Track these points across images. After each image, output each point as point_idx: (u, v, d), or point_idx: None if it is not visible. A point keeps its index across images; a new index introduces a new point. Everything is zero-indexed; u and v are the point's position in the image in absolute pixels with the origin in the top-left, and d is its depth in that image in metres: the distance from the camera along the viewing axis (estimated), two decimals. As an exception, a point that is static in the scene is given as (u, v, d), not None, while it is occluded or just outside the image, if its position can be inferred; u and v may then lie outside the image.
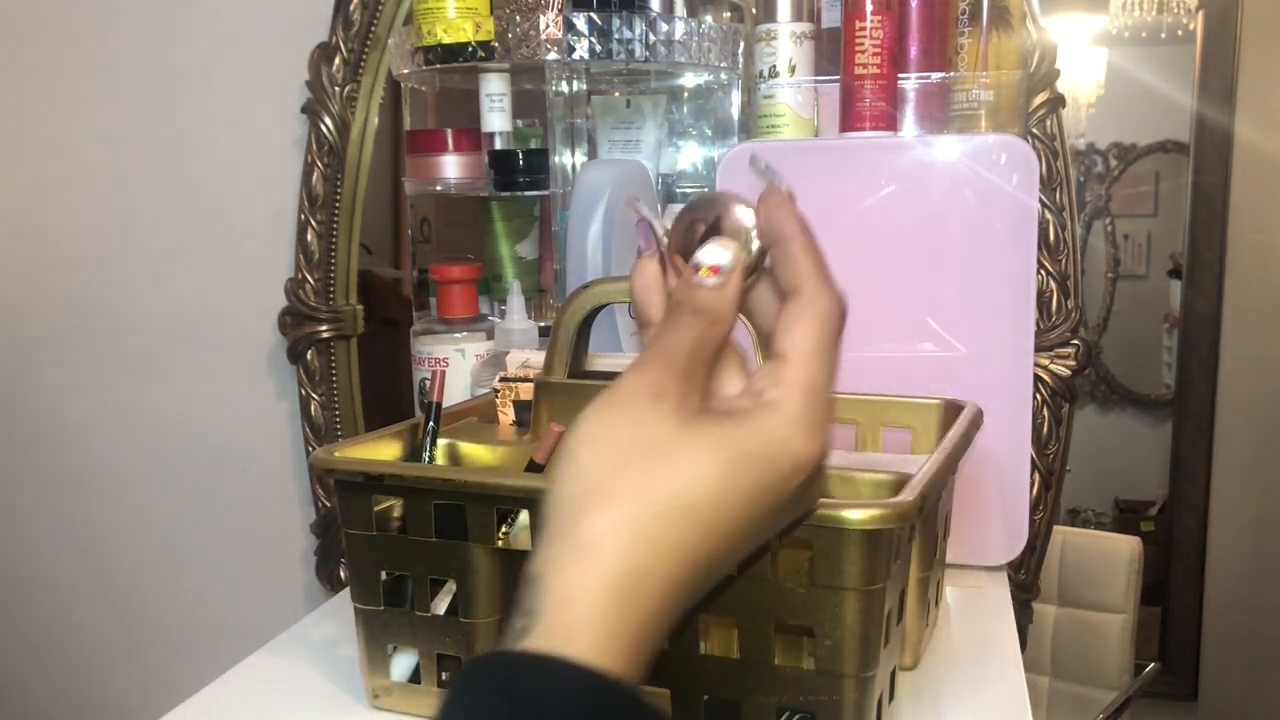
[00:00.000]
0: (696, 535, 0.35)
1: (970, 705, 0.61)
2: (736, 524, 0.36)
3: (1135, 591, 1.59)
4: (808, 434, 0.37)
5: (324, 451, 0.58)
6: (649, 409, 0.36)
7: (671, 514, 0.35)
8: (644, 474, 0.35)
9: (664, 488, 0.35)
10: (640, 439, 0.35)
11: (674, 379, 0.37)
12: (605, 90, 0.97)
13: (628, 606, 0.33)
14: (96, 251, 1.23)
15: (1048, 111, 0.92)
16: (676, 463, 0.35)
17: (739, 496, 0.36)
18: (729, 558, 0.37)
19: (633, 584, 0.34)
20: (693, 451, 0.35)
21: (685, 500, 0.35)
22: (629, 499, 0.34)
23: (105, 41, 1.18)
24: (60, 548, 1.31)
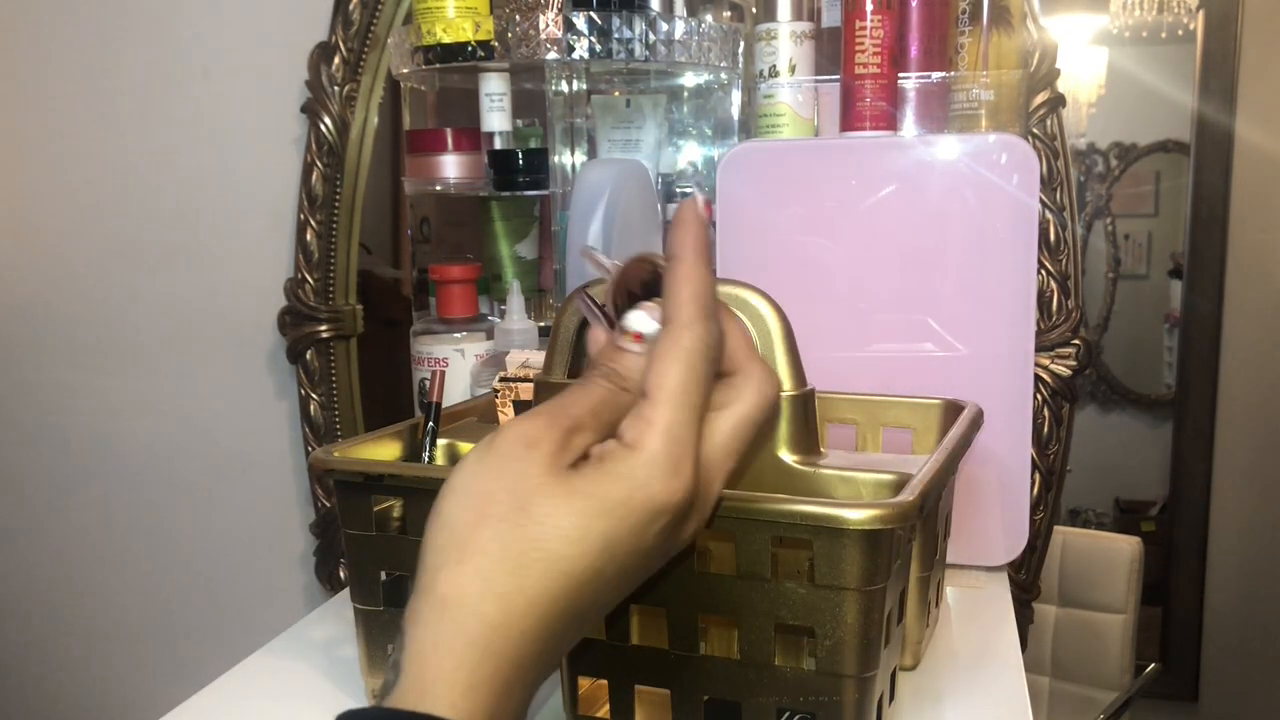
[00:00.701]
0: (555, 586, 0.35)
1: (970, 705, 0.61)
2: (597, 572, 0.36)
3: (1136, 592, 1.59)
4: (666, 475, 0.37)
5: (323, 451, 0.58)
6: (519, 458, 0.36)
7: (527, 567, 0.35)
8: (502, 525, 0.35)
9: (520, 541, 0.35)
10: (505, 489, 0.35)
11: (554, 431, 0.37)
12: (605, 90, 0.97)
13: (485, 660, 0.34)
14: (96, 251, 1.23)
15: (1048, 111, 0.91)
16: (534, 514, 0.35)
17: (597, 545, 0.35)
18: (595, 606, 0.37)
19: (488, 638, 0.34)
20: (551, 503, 0.35)
21: (541, 552, 0.35)
22: (484, 553, 0.35)
23: (105, 41, 1.18)
24: (59, 547, 1.31)
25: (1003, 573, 0.82)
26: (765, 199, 0.81)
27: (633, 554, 0.37)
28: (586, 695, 0.56)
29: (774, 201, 0.81)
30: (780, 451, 0.56)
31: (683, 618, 0.49)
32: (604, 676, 0.53)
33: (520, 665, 0.35)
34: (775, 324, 0.55)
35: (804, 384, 0.56)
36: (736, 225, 0.82)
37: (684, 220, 0.40)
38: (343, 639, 0.70)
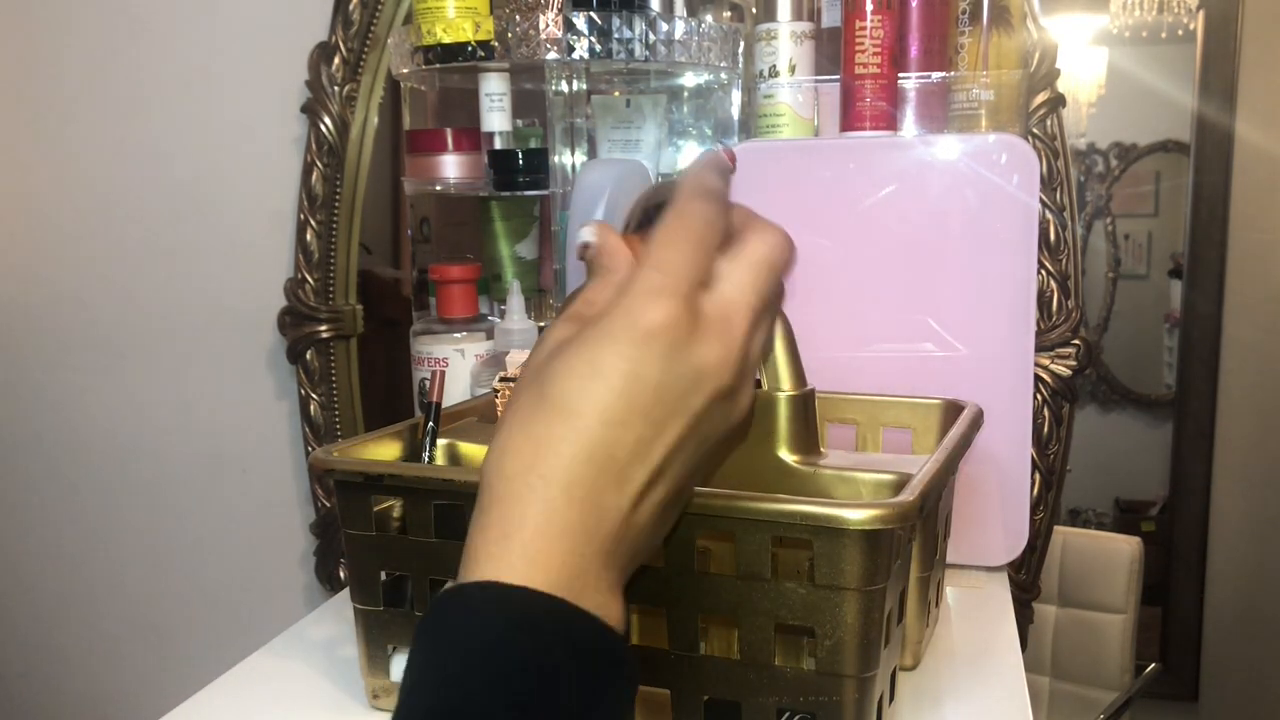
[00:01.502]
0: (561, 426, 0.36)
1: (970, 706, 0.61)
2: (605, 404, 0.36)
3: (1136, 592, 1.59)
4: (664, 303, 0.36)
5: (323, 451, 0.58)
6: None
7: (534, 414, 0.37)
8: (516, 392, 0.39)
9: (524, 392, 0.38)
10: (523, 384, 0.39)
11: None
12: (605, 90, 0.97)
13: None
14: (96, 251, 1.23)
15: (1048, 111, 0.91)
16: (532, 366, 0.39)
17: (592, 374, 0.36)
18: (630, 447, 0.36)
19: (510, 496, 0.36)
20: (544, 352, 0.39)
21: (542, 397, 0.37)
22: (504, 426, 0.38)
23: (105, 42, 1.18)
24: (59, 547, 1.31)
25: (1003, 573, 0.82)
26: (765, 199, 0.81)
27: (655, 387, 0.36)
28: (586, 695, 0.56)
29: (774, 201, 0.81)
30: (780, 451, 0.56)
31: (683, 618, 0.49)
32: (604, 676, 0.53)
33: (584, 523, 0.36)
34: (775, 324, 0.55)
35: (804, 384, 0.56)
36: (736, 225, 0.82)
37: (702, 163, 0.42)
38: (343, 639, 0.70)
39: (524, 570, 0.34)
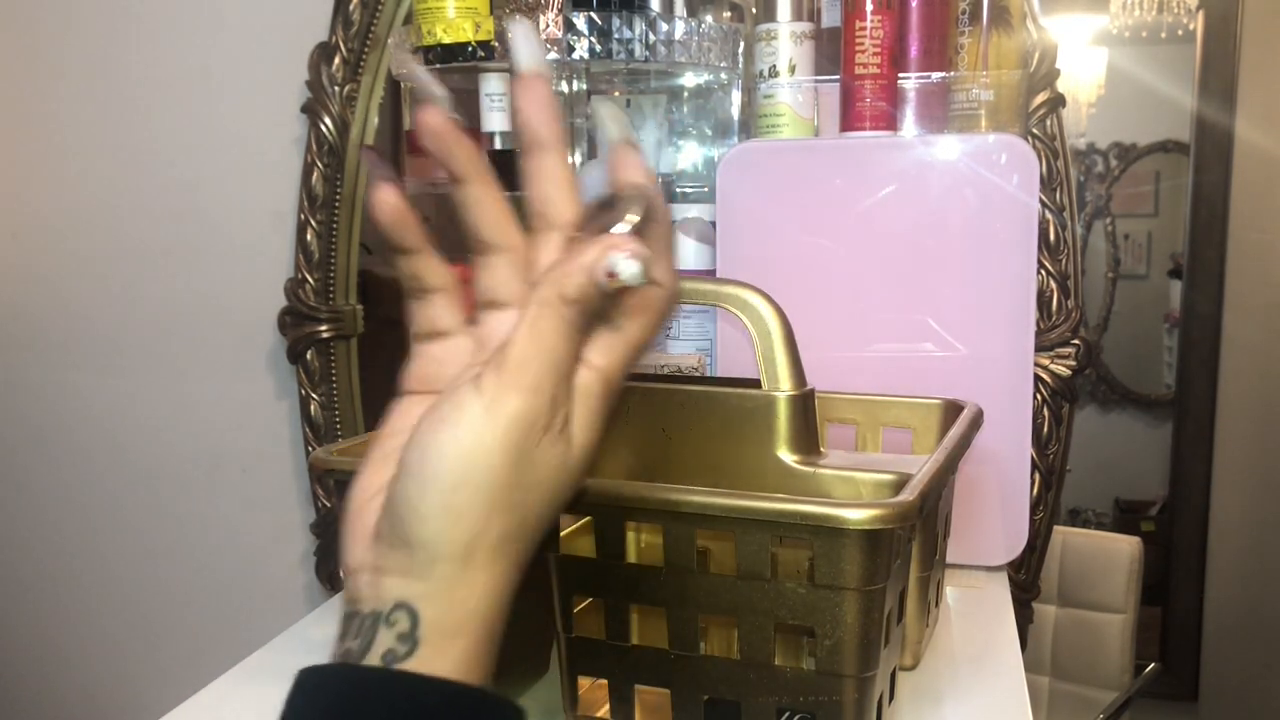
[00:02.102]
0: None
1: (970, 705, 0.61)
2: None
3: (1135, 591, 1.59)
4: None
5: (324, 451, 0.58)
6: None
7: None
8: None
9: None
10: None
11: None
12: (605, 90, 0.97)
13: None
14: (96, 251, 1.23)
15: (1048, 111, 0.91)
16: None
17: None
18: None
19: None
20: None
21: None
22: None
23: (105, 41, 1.18)
24: (59, 547, 1.31)
25: (1002, 572, 0.82)
26: (765, 199, 0.81)
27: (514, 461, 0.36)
28: (586, 695, 0.56)
29: (774, 201, 0.81)
30: (780, 451, 0.56)
31: (683, 618, 0.49)
32: (604, 676, 0.53)
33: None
34: (775, 324, 0.55)
35: (804, 384, 0.56)
36: (736, 225, 0.82)
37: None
38: (343, 639, 0.70)
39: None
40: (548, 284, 0.37)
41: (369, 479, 0.40)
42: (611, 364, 0.39)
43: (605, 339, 0.39)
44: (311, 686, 0.36)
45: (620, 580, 0.50)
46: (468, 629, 0.36)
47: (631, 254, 0.35)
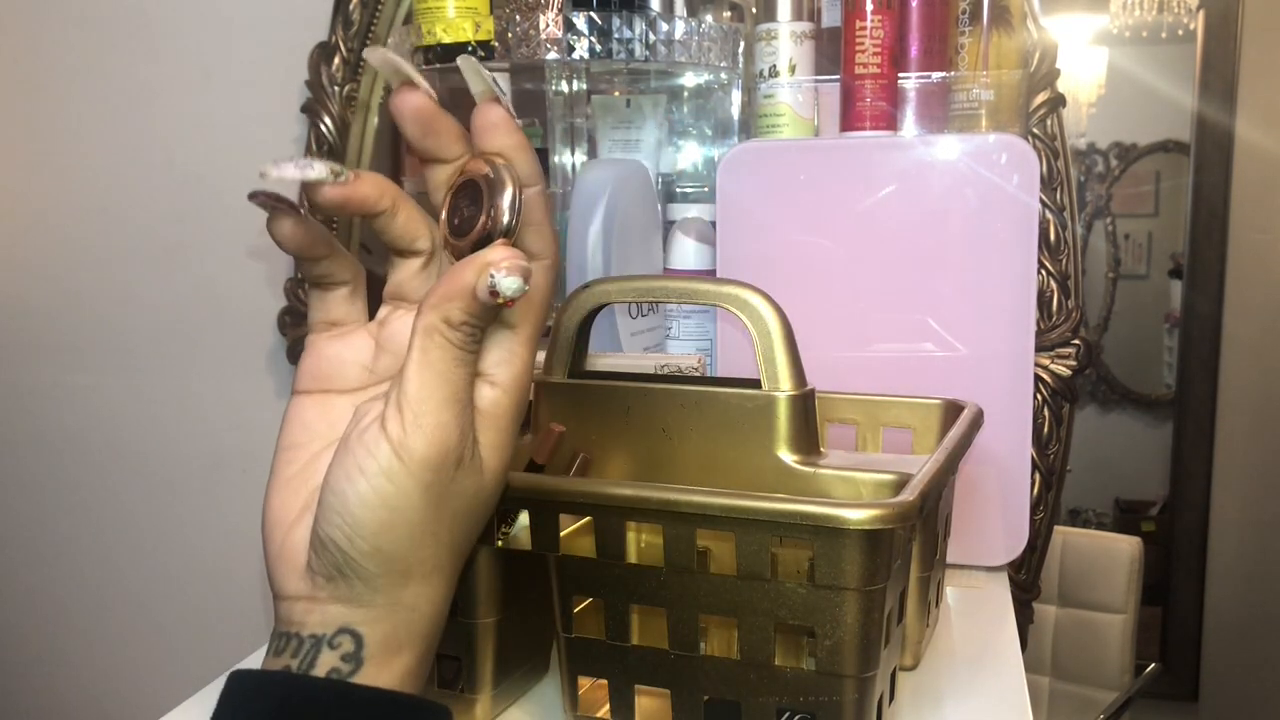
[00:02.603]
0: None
1: (970, 706, 0.61)
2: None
3: (1136, 592, 1.59)
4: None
5: (323, 451, 0.58)
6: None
7: None
8: None
9: None
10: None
11: None
12: (605, 90, 0.97)
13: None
14: (96, 251, 1.23)
15: (1048, 111, 0.91)
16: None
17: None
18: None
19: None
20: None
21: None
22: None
23: (105, 42, 1.18)
24: (59, 547, 1.31)
25: (1003, 573, 0.82)
26: (765, 199, 0.81)
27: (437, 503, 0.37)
28: (586, 695, 0.56)
29: (774, 201, 0.81)
30: (780, 451, 0.56)
31: (683, 618, 0.49)
32: (604, 676, 0.53)
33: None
34: (775, 324, 0.55)
35: (804, 384, 0.56)
36: (736, 225, 0.82)
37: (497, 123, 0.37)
38: (343, 639, 0.70)
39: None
40: (430, 311, 0.35)
41: (283, 502, 0.39)
42: (514, 375, 0.39)
43: (500, 348, 0.39)
44: (249, 690, 0.36)
45: (620, 580, 0.50)
46: (408, 645, 0.37)
47: (510, 269, 0.35)
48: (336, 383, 0.41)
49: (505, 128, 0.37)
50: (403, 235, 0.39)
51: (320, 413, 0.40)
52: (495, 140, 0.37)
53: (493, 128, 0.37)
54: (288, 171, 0.34)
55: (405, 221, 0.39)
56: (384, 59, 0.36)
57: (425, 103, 0.37)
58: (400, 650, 0.37)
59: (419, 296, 0.40)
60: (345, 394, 0.41)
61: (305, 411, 0.41)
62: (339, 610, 0.36)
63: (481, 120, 0.37)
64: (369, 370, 0.41)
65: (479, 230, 0.37)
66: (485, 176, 0.37)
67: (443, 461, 0.36)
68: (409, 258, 0.40)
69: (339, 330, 0.41)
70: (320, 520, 0.36)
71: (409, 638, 0.37)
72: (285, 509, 0.39)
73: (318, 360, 0.41)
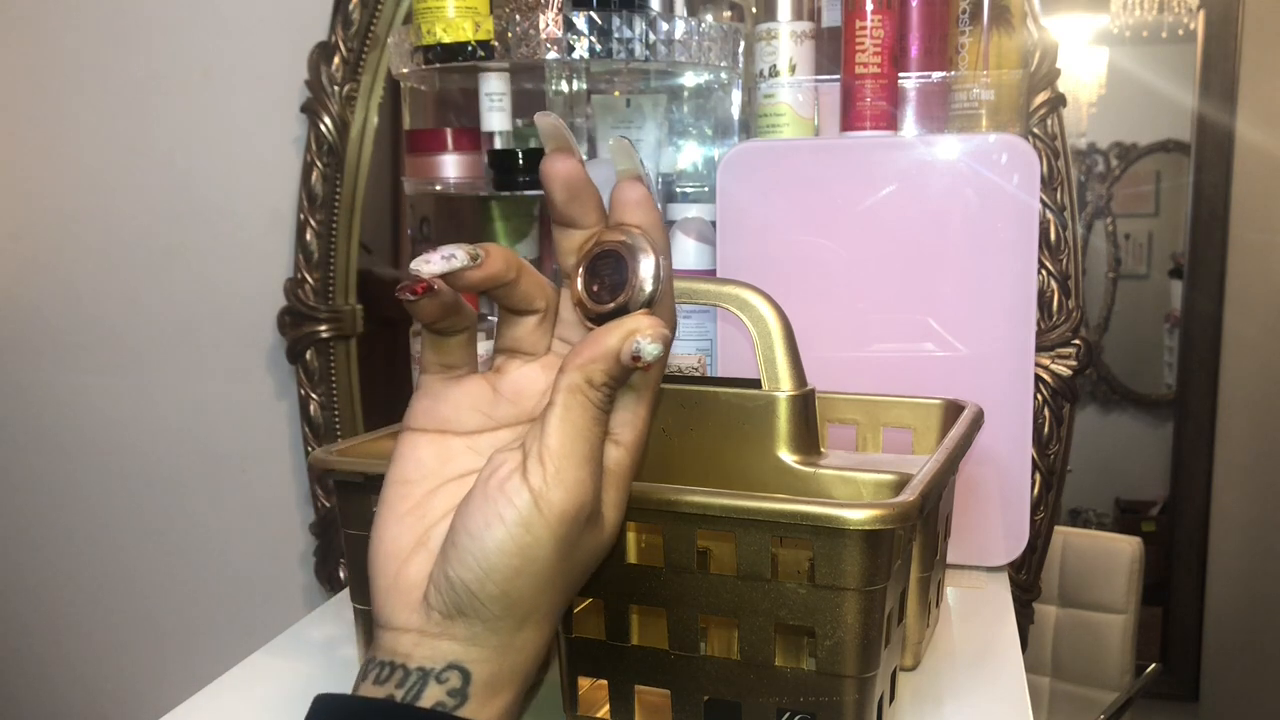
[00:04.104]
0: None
1: (971, 706, 0.61)
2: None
3: (1136, 592, 1.59)
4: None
5: (323, 451, 0.58)
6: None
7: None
8: None
9: None
10: None
11: None
12: (605, 89, 0.97)
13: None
14: (95, 251, 1.23)
15: (1048, 111, 0.91)
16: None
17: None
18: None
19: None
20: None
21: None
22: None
23: (105, 42, 1.18)
24: (59, 547, 1.31)
25: (1003, 573, 0.82)
26: (765, 199, 0.81)
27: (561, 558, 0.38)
28: (586, 695, 0.56)
29: (774, 201, 0.81)
30: (780, 451, 0.56)
31: (683, 618, 0.49)
32: (604, 676, 0.53)
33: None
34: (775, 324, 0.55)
35: (804, 384, 0.56)
36: (736, 225, 0.82)
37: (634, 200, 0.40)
38: (343, 639, 0.70)
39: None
40: (575, 370, 0.38)
41: (396, 535, 0.40)
42: (636, 437, 0.41)
43: (626, 410, 0.41)
44: (345, 715, 0.38)
45: (620, 580, 0.50)
46: (511, 684, 0.39)
47: (653, 336, 0.37)
48: (453, 425, 0.42)
49: (646, 206, 0.40)
50: (524, 299, 0.41)
51: (436, 452, 0.42)
52: (635, 215, 0.40)
53: (635, 204, 0.40)
54: (437, 266, 0.38)
55: (527, 287, 0.41)
56: (553, 126, 0.39)
57: (577, 170, 0.40)
58: (501, 690, 0.38)
59: (535, 349, 0.43)
60: (461, 436, 0.42)
61: (420, 449, 0.42)
62: (451, 646, 0.38)
63: (624, 196, 0.40)
64: (487, 416, 0.42)
65: (622, 298, 0.39)
66: (625, 245, 0.39)
67: (577, 515, 0.38)
68: (526, 315, 0.42)
69: (455, 374, 0.43)
70: (452, 561, 0.37)
71: (511, 678, 0.39)
72: (399, 543, 0.40)
73: (435, 402, 0.43)
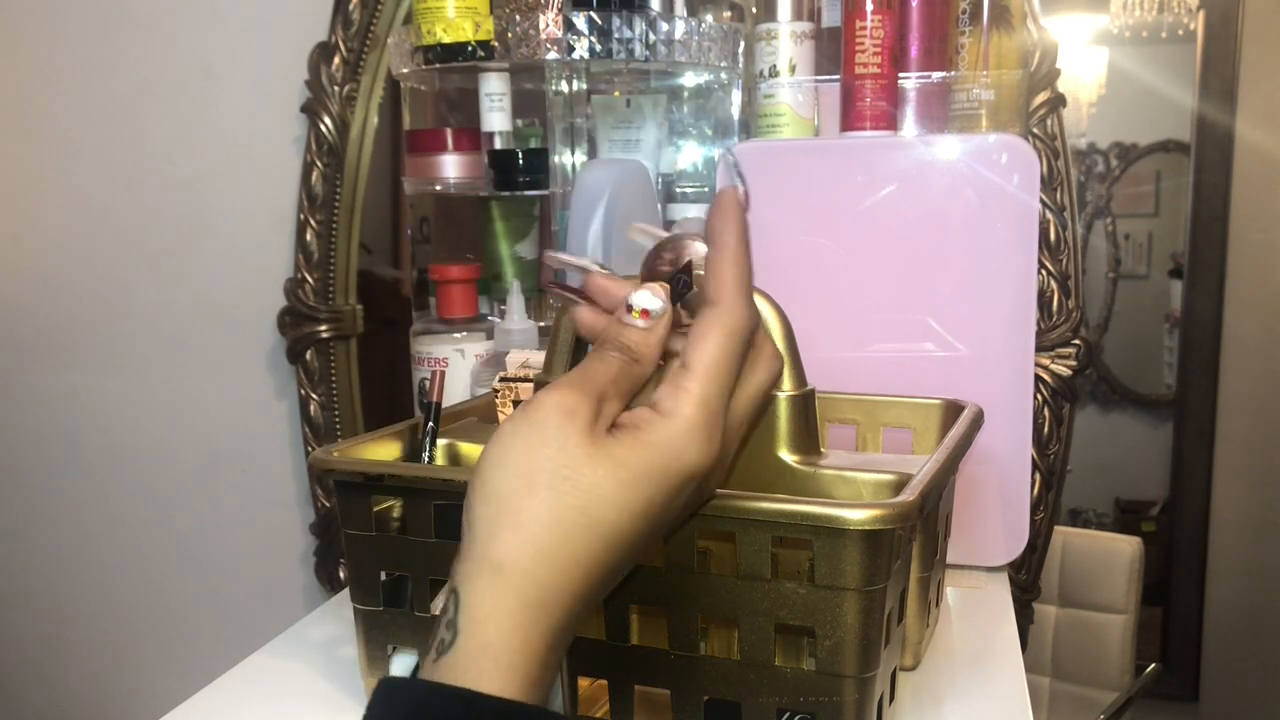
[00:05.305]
0: (599, 549, 0.38)
1: (971, 706, 0.61)
2: (635, 534, 0.39)
3: (1136, 592, 1.59)
4: (702, 444, 0.39)
5: (323, 452, 0.58)
6: (561, 427, 0.38)
7: (576, 532, 0.37)
8: (550, 494, 0.37)
9: (569, 508, 0.37)
10: (549, 458, 0.37)
11: (587, 400, 0.39)
12: (605, 90, 0.97)
13: (540, 620, 0.36)
14: (95, 251, 1.23)
15: (1048, 111, 0.91)
16: (580, 483, 0.37)
17: (638, 510, 0.38)
18: (627, 564, 0.40)
19: (543, 600, 0.36)
20: (595, 471, 0.38)
21: (587, 518, 0.37)
22: (536, 520, 0.37)
23: (105, 42, 1.18)
24: (60, 547, 1.31)
25: (1003, 573, 0.82)
26: (765, 199, 0.81)
27: (665, 514, 0.40)
28: (586, 695, 0.56)
29: (774, 201, 0.81)
30: (780, 451, 0.56)
31: (683, 618, 0.49)
32: (604, 676, 0.53)
33: (566, 624, 0.38)
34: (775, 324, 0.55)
35: (804, 384, 0.56)
36: (736, 225, 0.82)
37: (725, 209, 0.43)
38: (343, 639, 0.70)
39: (504, 678, 0.36)
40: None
41: None
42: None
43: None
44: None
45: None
46: (513, 618, 0.37)
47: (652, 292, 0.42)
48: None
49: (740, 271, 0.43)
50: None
51: None
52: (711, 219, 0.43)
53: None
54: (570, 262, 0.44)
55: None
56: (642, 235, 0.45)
57: (587, 319, 0.47)
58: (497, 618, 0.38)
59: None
60: None
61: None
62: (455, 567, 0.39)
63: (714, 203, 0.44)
64: None
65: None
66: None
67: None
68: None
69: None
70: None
71: (515, 605, 0.38)
72: None
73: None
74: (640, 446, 0.38)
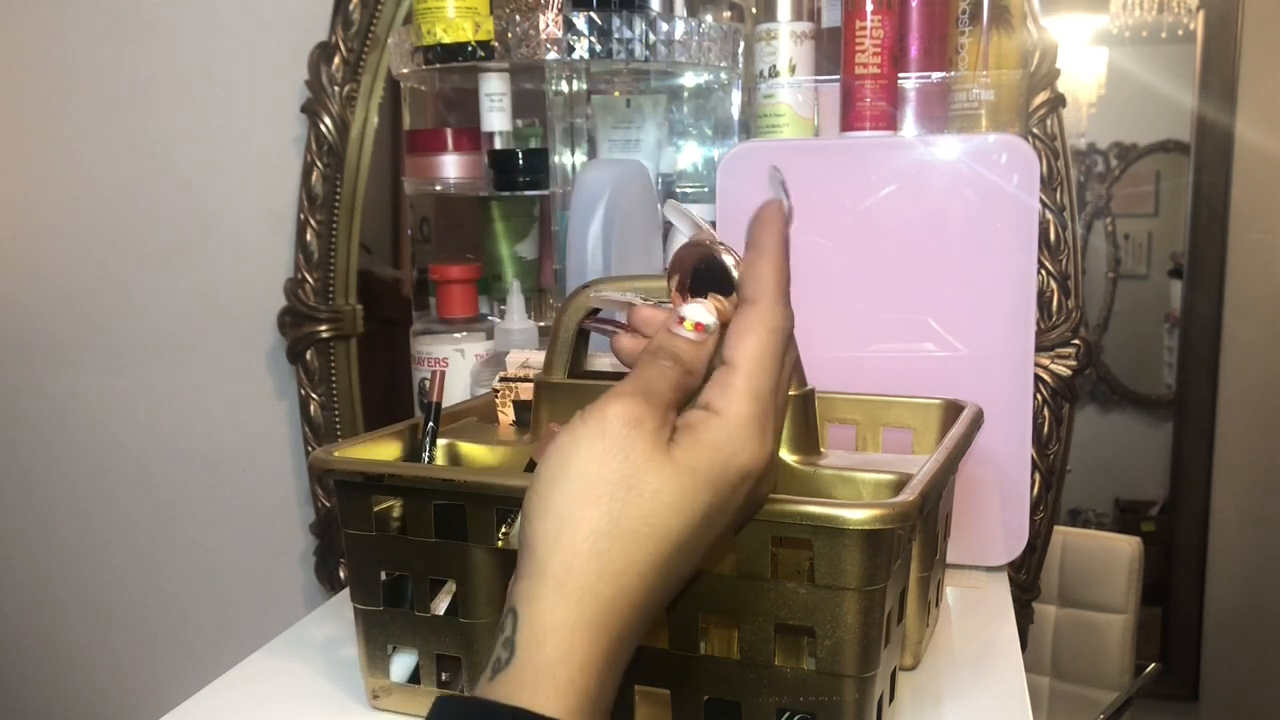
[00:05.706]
0: (662, 557, 0.37)
1: (970, 706, 0.61)
2: (697, 540, 0.39)
3: (1136, 592, 1.59)
4: (756, 438, 0.40)
5: (323, 452, 0.58)
6: (628, 438, 0.38)
7: (639, 542, 0.37)
8: (614, 505, 0.37)
9: (632, 518, 0.37)
10: (614, 470, 0.37)
11: (654, 410, 0.39)
12: (605, 90, 0.97)
13: (598, 637, 0.36)
14: (95, 251, 1.23)
15: (1048, 111, 0.91)
16: (644, 492, 0.37)
17: (698, 514, 0.38)
18: (689, 568, 0.40)
19: (604, 616, 0.36)
20: (659, 478, 0.37)
21: (651, 527, 0.37)
22: (599, 534, 0.36)
23: (105, 41, 1.18)
24: (60, 547, 1.31)
25: (1003, 573, 0.82)
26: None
27: (723, 517, 0.40)
28: (586, 695, 0.55)
29: (774, 201, 0.81)
30: (780, 451, 0.56)
31: (683, 618, 0.49)
32: (604, 676, 0.53)
33: (628, 637, 0.37)
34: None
35: (804, 384, 0.56)
36: (736, 225, 0.82)
37: (769, 219, 0.44)
38: (343, 639, 0.70)
39: (561, 698, 0.35)
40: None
41: None
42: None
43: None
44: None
45: (620, 580, 0.50)
46: (573, 635, 0.37)
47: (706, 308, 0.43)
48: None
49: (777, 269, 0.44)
50: None
51: None
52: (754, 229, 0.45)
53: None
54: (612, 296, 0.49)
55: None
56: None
57: (624, 345, 0.48)
58: (555, 638, 0.38)
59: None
60: None
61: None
62: (515, 587, 0.39)
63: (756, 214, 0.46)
64: None
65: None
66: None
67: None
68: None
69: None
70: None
71: (572, 626, 0.38)
72: None
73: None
74: (699, 447, 0.38)
